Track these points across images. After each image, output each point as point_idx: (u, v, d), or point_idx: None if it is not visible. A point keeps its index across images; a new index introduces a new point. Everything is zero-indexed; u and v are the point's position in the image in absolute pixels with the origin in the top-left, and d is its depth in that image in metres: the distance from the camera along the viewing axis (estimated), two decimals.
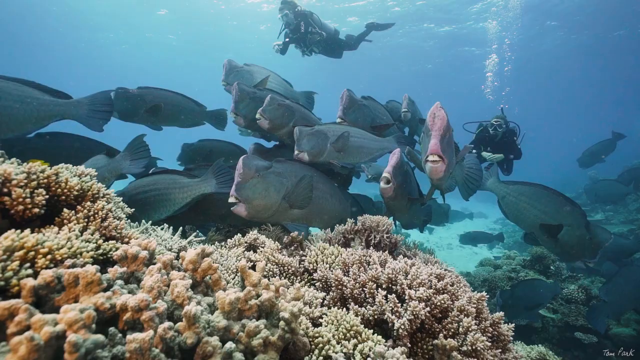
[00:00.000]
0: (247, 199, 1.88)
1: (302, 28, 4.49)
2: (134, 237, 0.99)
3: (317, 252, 1.44)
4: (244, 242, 1.58)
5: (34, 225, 0.90)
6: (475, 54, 17.33)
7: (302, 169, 2.17)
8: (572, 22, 14.00)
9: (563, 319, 3.66)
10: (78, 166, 1.26)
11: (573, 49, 16.22)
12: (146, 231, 1.78)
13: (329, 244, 2.05)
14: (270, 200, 1.96)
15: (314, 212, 2.20)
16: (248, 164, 1.92)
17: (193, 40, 20.76)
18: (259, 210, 1.94)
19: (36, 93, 1.84)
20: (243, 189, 1.88)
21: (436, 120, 1.59)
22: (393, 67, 20.49)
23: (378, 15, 14.45)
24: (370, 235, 2.04)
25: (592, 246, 2.34)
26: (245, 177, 1.90)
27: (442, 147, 1.58)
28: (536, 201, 2.47)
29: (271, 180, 1.98)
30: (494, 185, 2.77)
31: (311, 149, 2.38)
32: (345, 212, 2.43)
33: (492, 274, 4.35)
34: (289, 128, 2.57)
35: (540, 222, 2.41)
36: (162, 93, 3.02)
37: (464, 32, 15.56)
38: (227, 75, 3.18)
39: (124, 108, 2.80)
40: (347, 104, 2.76)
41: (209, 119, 3.35)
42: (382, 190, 2.27)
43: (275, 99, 2.56)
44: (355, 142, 2.60)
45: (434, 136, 1.58)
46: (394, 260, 1.86)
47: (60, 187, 0.94)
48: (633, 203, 6.86)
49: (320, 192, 2.23)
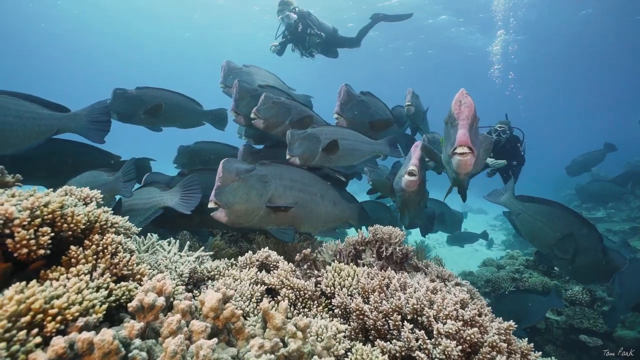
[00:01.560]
0: (227, 204, 1.81)
1: (300, 28, 4.36)
2: (146, 274, 0.92)
3: (333, 274, 1.38)
4: (256, 260, 1.52)
5: (38, 264, 0.83)
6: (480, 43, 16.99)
7: (289, 171, 2.08)
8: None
9: (568, 321, 3.65)
10: (82, 188, 1.19)
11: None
12: (152, 246, 1.72)
13: (339, 255, 2.00)
14: (252, 205, 1.87)
15: (302, 215, 2.10)
16: (228, 167, 1.85)
17: (193, 35, 20.56)
18: (239, 215, 1.86)
19: (34, 107, 1.79)
20: (223, 193, 1.81)
21: (463, 108, 1.45)
22: (395, 55, 20.17)
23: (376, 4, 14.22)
24: (382, 247, 1.98)
25: (607, 270, 2.29)
26: (225, 181, 1.83)
27: (471, 137, 1.45)
28: (552, 222, 2.41)
29: (253, 184, 1.89)
30: (509, 201, 2.70)
31: (302, 153, 2.35)
32: (342, 214, 2.32)
33: (496, 274, 4.33)
34: (285, 126, 2.52)
35: (555, 241, 2.36)
36: (161, 93, 2.94)
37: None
38: (225, 77, 3.14)
39: (123, 109, 2.72)
40: (345, 100, 2.70)
41: (209, 119, 3.29)
42: (407, 183, 2.21)
43: (270, 97, 2.50)
44: (347, 145, 2.56)
45: (462, 126, 1.44)
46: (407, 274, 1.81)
47: (66, 222, 0.87)
48: (635, 201, 6.86)
49: (309, 195, 2.12)
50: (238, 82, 2.75)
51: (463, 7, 14.54)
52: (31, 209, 0.82)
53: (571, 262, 2.31)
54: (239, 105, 2.69)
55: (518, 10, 13.63)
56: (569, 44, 16.48)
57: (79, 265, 0.82)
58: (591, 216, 6.99)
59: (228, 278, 1.29)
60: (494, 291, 4.27)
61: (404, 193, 2.27)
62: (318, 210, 2.16)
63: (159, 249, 1.70)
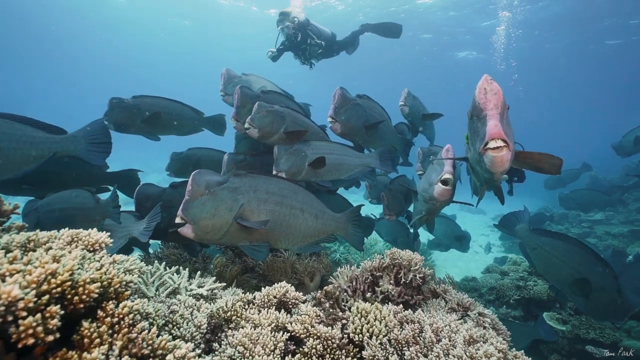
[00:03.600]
0: (194, 219, 1.70)
1: (299, 38, 4.33)
2: (165, 348, 0.81)
3: (360, 319, 1.29)
4: (273, 297, 1.41)
5: (45, 347, 0.72)
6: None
7: (265, 183, 1.95)
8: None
9: (573, 331, 3.63)
10: (90, 233, 1.07)
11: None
12: (160, 277, 1.61)
13: (356, 282, 1.91)
14: (220, 220, 1.76)
15: (278, 231, 1.97)
16: (197, 179, 1.75)
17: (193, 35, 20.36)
18: (207, 231, 1.75)
19: (30, 130, 1.71)
20: (190, 208, 1.70)
21: (489, 95, 1.23)
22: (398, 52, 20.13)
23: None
24: (400, 272, 1.90)
25: (622, 310, 2.25)
26: (194, 195, 1.72)
27: (504, 129, 1.22)
28: (569, 258, 2.36)
29: (222, 198, 1.78)
30: (524, 234, 2.63)
31: (289, 169, 2.35)
32: (325, 228, 2.18)
33: (500, 282, 4.30)
34: (280, 135, 2.48)
35: (571, 281, 2.32)
36: (158, 101, 2.86)
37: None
38: (225, 86, 3.11)
39: (119, 119, 2.63)
40: (339, 103, 2.64)
41: (208, 125, 3.21)
42: (441, 192, 2.10)
43: (264, 106, 2.46)
44: (334, 160, 2.53)
45: (491, 116, 1.21)
46: (433, 310, 1.73)
47: (77, 294, 0.75)
48: (633, 203, 6.90)
49: (286, 208, 1.99)
50: (240, 88, 2.69)
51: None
52: (37, 283, 0.71)
53: (586, 299, 2.27)
54: (240, 112, 2.63)
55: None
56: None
57: (92, 350, 0.71)
58: (589, 218, 7.02)
59: (247, 326, 1.19)
60: (498, 299, 4.24)
61: (433, 203, 2.16)
62: (297, 224, 2.03)
63: (168, 281, 1.60)
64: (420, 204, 2.36)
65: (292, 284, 2.33)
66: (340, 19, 14.39)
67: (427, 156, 3.31)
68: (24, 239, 1.02)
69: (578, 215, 6.93)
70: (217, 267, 2.37)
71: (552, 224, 7.18)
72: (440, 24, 16.39)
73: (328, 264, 2.60)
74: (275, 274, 2.28)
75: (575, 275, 2.32)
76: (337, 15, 15.01)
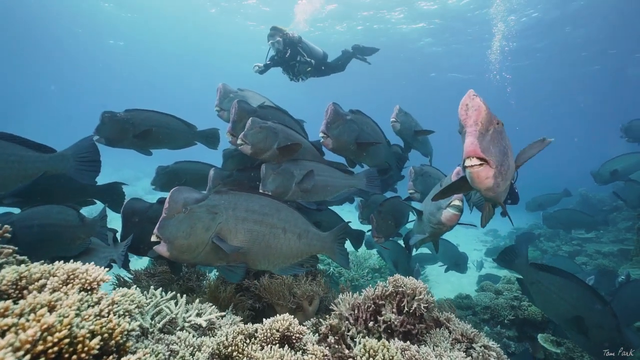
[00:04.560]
0: (169, 238, 1.65)
1: (288, 54, 4.37)
2: None
3: (367, 358, 1.24)
4: (276, 331, 1.35)
5: None
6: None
7: (246, 200, 1.89)
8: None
9: (568, 354, 3.62)
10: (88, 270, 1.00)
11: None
12: (157, 305, 1.54)
13: (358, 310, 1.86)
14: (195, 240, 1.70)
15: (256, 251, 1.89)
16: (175, 197, 1.71)
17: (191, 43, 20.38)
18: (182, 251, 1.69)
19: (18, 150, 1.71)
20: (166, 226, 1.65)
21: (470, 112, 1.20)
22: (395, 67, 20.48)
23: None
24: (403, 301, 1.86)
25: (623, 349, 2.26)
26: (171, 212, 1.68)
27: (483, 145, 1.19)
28: (567, 294, 2.37)
29: (199, 216, 1.73)
30: (523, 268, 2.63)
31: (275, 189, 2.35)
32: (309, 248, 2.11)
33: (495, 301, 4.28)
34: (273, 151, 2.47)
35: (569, 318, 2.33)
36: (150, 115, 2.82)
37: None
38: (221, 101, 3.10)
39: (111, 134, 2.59)
40: (331, 119, 2.63)
41: (201, 139, 3.17)
42: (450, 218, 2.11)
43: (257, 122, 2.45)
44: (321, 181, 2.54)
45: (470, 133, 1.19)
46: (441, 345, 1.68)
47: (76, 352, 0.69)
48: (622, 222, 7.00)
49: (266, 227, 1.91)
50: (238, 102, 2.68)
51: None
52: (32, 343, 0.64)
53: (585, 337, 2.27)
54: (237, 127, 2.61)
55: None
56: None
57: None
58: (580, 236, 7.09)
59: None
60: (492, 318, 4.22)
61: (440, 227, 2.14)
62: (277, 244, 1.95)
63: (164, 309, 1.53)
64: (424, 225, 2.34)
65: (290, 307, 2.27)
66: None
67: (419, 175, 3.30)
68: (14, 277, 0.94)
69: (568, 233, 7.00)
70: (210, 288, 2.29)
71: (544, 240, 7.24)
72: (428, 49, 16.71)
73: (326, 285, 2.54)
74: (273, 297, 2.21)
75: (573, 312, 2.33)
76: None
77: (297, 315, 2.21)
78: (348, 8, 14.75)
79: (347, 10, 14.92)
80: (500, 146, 1.24)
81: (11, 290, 0.92)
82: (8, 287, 0.92)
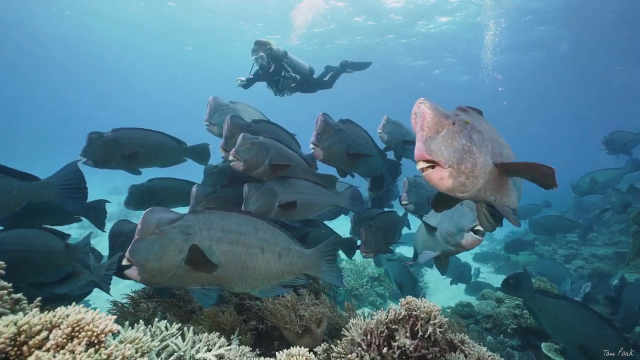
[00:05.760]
0: (140, 261, 1.57)
1: (272, 69, 4.34)
2: None
3: None
4: None
5: None
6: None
7: (222, 219, 1.79)
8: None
9: None
10: (94, 321, 0.92)
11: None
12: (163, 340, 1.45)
13: (370, 335, 1.80)
14: (167, 263, 1.61)
15: (232, 273, 1.78)
16: (147, 218, 1.63)
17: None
18: (153, 274, 1.60)
19: (1, 178, 1.67)
20: (137, 249, 1.58)
21: (417, 119, 1.24)
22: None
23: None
24: (417, 324, 1.80)
25: None
26: (143, 234, 1.60)
27: (430, 148, 1.21)
28: (576, 320, 2.40)
29: (172, 238, 1.64)
30: (529, 295, 2.65)
31: (258, 209, 2.34)
32: (290, 268, 1.95)
33: (497, 310, 4.26)
34: (265, 167, 2.44)
35: (580, 344, 2.35)
36: (139, 134, 2.75)
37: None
38: (210, 115, 3.04)
39: (98, 155, 2.52)
40: (321, 130, 2.62)
41: (191, 155, 3.10)
42: (472, 242, 2.03)
43: (248, 137, 2.42)
44: (305, 200, 2.53)
45: (417, 139, 1.23)
46: None
47: None
48: (616, 224, 7.08)
49: (243, 247, 1.80)
50: (231, 117, 2.65)
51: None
52: None
53: None
54: (229, 142, 2.57)
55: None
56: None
57: None
58: (574, 239, 7.15)
59: None
60: (495, 327, 4.20)
61: (457, 250, 2.07)
62: (255, 265, 1.83)
63: (171, 345, 1.44)
64: (438, 243, 2.25)
65: (297, 331, 2.20)
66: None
67: (412, 186, 3.27)
68: (13, 332, 0.86)
69: (564, 236, 7.06)
70: (210, 313, 2.18)
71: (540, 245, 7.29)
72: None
73: (332, 305, 2.47)
74: (280, 322, 2.13)
75: (584, 338, 2.36)
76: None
77: (305, 339, 2.14)
78: (342, 28, 14.84)
79: (341, 29, 15.05)
80: (457, 145, 1.23)
81: (9, 349, 0.84)
82: (6, 346, 0.83)
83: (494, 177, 1.32)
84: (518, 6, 13.01)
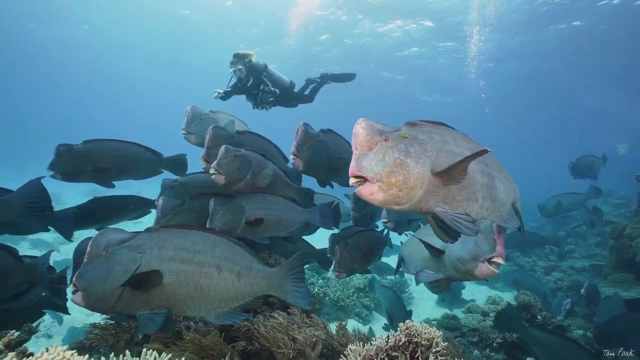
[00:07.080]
0: (84, 286, 1.44)
1: (250, 82, 4.28)
2: None
3: None
4: None
5: None
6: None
7: (177, 237, 1.65)
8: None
9: None
10: None
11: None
12: None
13: None
14: (111, 286, 1.47)
15: (182, 294, 1.62)
16: (97, 239, 1.52)
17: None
18: (97, 299, 1.47)
19: None
20: (83, 273, 1.46)
21: (354, 139, 1.31)
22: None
23: None
24: (417, 351, 1.75)
25: None
26: (92, 257, 1.49)
27: (362, 164, 1.25)
28: (572, 356, 2.48)
29: (119, 259, 1.51)
30: (522, 330, 2.72)
31: (223, 226, 2.26)
32: (251, 288, 1.78)
33: (483, 323, 4.29)
34: (247, 181, 2.38)
35: None
36: (112, 145, 2.62)
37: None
38: (188, 124, 2.97)
39: (68, 169, 2.40)
40: (301, 140, 2.59)
41: (168, 166, 3.00)
42: (487, 273, 1.90)
43: (230, 150, 2.33)
44: (273, 216, 2.44)
45: (352, 157, 1.30)
46: None
47: None
48: (592, 237, 7.31)
49: (196, 267, 1.64)
50: (212, 128, 2.59)
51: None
52: None
53: None
54: (211, 153, 2.50)
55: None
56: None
57: None
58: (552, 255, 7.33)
59: None
60: (481, 341, 4.22)
61: (467, 278, 1.94)
62: (210, 285, 1.66)
63: None
64: (445, 267, 2.07)
65: (290, 354, 2.11)
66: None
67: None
68: None
69: (544, 249, 7.24)
70: (194, 342, 2.04)
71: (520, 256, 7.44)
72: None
73: (324, 326, 2.40)
74: (273, 346, 2.04)
75: None
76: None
77: None
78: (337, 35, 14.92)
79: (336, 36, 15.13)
80: (388, 160, 1.25)
81: None
82: None
83: (435, 187, 1.28)
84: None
